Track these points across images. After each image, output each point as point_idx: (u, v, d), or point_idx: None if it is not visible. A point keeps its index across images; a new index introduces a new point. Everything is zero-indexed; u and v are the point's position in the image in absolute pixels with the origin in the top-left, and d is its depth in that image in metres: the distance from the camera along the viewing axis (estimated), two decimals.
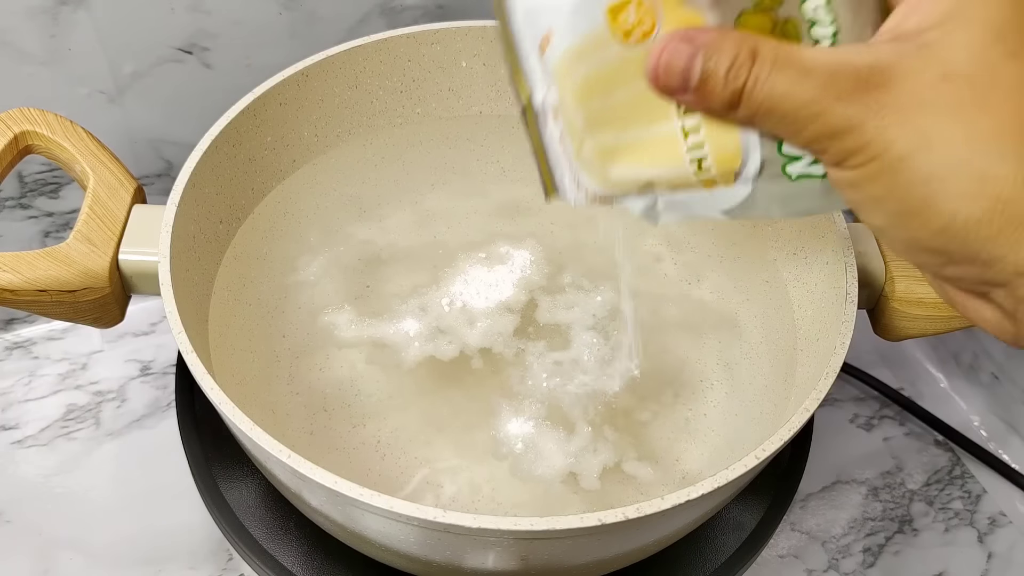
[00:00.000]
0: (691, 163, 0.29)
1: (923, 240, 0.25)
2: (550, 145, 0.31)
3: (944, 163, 0.24)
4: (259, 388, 0.42)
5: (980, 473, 0.56)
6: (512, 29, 0.30)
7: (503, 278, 0.47)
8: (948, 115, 0.24)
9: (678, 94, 0.27)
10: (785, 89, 0.25)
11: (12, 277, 0.37)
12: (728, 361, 0.44)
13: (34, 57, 0.48)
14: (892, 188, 0.25)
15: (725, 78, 0.26)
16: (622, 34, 0.28)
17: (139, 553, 0.49)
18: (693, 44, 0.26)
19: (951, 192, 0.24)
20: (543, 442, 0.41)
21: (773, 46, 0.26)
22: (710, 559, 0.40)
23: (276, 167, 0.46)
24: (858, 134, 0.25)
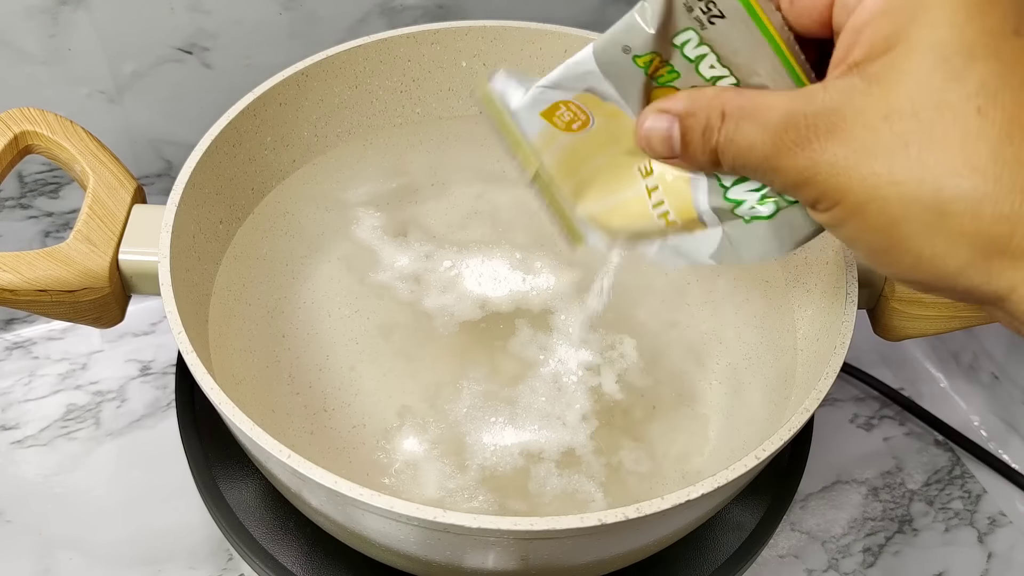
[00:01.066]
0: (659, 218, 0.32)
1: (902, 275, 0.25)
2: (568, 206, 0.34)
3: (900, 205, 0.24)
4: (259, 388, 0.42)
5: (980, 473, 0.56)
6: (507, 117, 0.33)
7: (503, 278, 0.47)
8: (895, 156, 0.24)
9: (670, 160, 0.29)
10: (748, 143, 0.26)
11: (12, 277, 0.37)
12: (728, 361, 0.44)
13: (34, 57, 0.48)
14: (860, 230, 0.25)
15: (703, 139, 0.28)
16: (564, 126, 0.32)
17: (139, 553, 0.49)
18: (669, 113, 0.28)
19: (912, 231, 0.24)
20: (544, 443, 0.41)
21: (739, 104, 0.27)
22: (710, 559, 0.40)
23: (276, 167, 0.46)
24: (814, 184, 0.25)
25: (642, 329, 0.45)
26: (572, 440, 0.41)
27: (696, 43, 0.28)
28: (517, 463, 0.40)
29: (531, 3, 0.56)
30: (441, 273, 0.47)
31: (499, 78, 0.33)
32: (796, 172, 0.25)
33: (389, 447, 0.41)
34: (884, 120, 0.24)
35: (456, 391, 0.43)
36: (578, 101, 0.31)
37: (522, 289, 0.46)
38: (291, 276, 0.46)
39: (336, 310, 0.45)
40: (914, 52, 0.24)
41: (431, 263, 0.47)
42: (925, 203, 0.24)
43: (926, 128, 0.23)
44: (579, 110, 0.31)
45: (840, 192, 0.25)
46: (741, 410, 0.42)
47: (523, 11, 0.55)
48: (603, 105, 0.30)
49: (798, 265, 0.44)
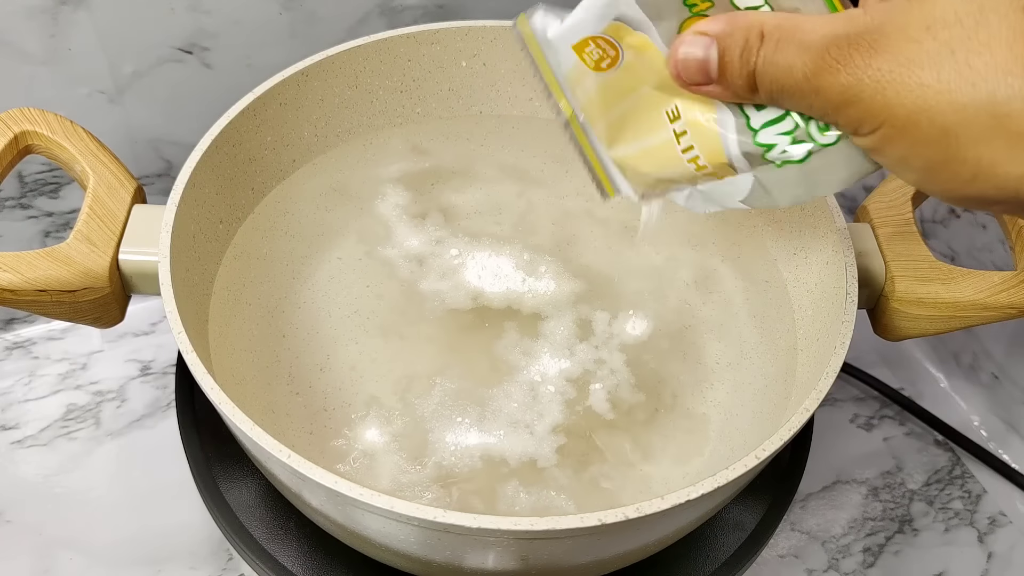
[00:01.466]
0: (689, 162, 0.31)
1: (959, 190, 0.25)
2: (600, 150, 0.33)
3: (953, 112, 0.23)
4: (259, 388, 0.42)
5: (980, 473, 0.56)
6: (544, 55, 0.32)
7: (503, 278, 0.47)
8: (942, 64, 0.23)
9: (704, 87, 0.28)
10: (788, 64, 0.26)
11: (12, 277, 0.37)
12: (728, 361, 0.44)
13: (34, 57, 0.48)
14: (911, 147, 0.24)
15: (740, 61, 0.27)
16: (594, 65, 0.31)
17: (139, 553, 0.49)
18: (706, 35, 0.27)
19: (969, 139, 0.23)
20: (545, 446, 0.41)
21: (777, 24, 0.26)
22: (710, 559, 0.40)
23: (276, 167, 0.46)
24: (858, 103, 0.25)
25: (642, 329, 0.45)
26: (536, 451, 0.40)
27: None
28: (476, 465, 0.40)
29: (531, 3, 0.55)
30: (446, 259, 0.47)
31: (539, 13, 0.32)
32: (839, 91, 0.25)
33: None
34: (927, 30, 0.24)
35: (429, 386, 0.42)
36: (607, 34, 0.30)
37: (524, 285, 0.46)
38: (291, 276, 0.46)
39: (336, 310, 0.45)
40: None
41: (431, 263, 0.47)
42: (979, 106, 0.23)
43: (971, 33, 0.23)
44: (608, 45, 0.30)
45: (887, 108, 0.24)
46: (741, 410, 0.42)
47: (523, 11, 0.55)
48: (632, 35, 0.29)
49: (798, 265, 0.44)
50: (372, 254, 0.47)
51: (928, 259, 0.41)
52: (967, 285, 0.40)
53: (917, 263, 0.41)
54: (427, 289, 0.46)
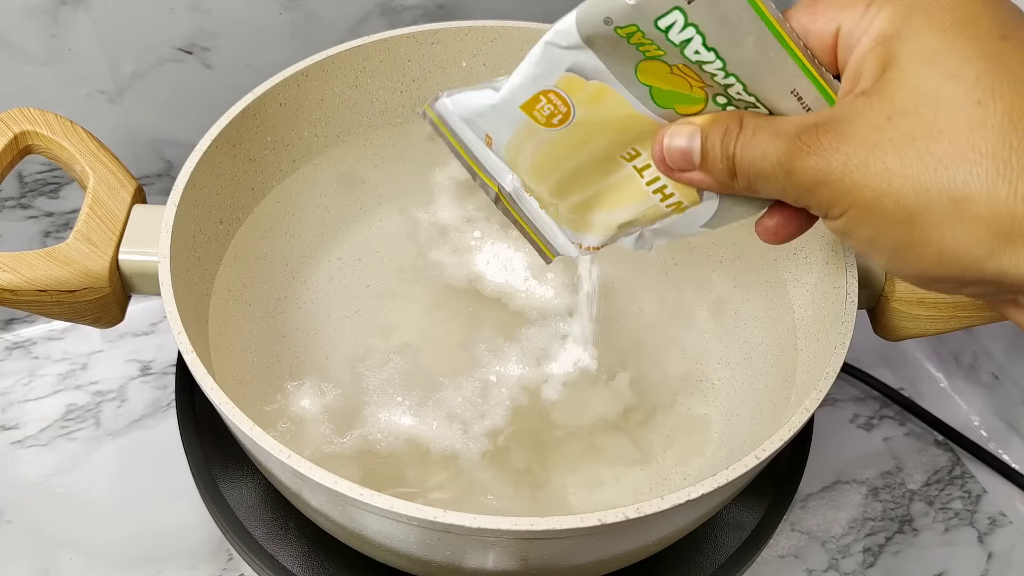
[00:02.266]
0: (655, 194, 0.31)
1: (927, 271, 0.26)
2: (534, 215, 0.34)
3: (916, 196, 0.24)
4: (259, 388, 0.42)
5: (980, 473, 0.56)
6: (458, 138, 0.33)
7: (504, 277, 0.47)
8: (904, 150, 0.24)
9: (687, 173, 0.30)
10: (762, 150, 0.27)
11: (12, 277, 0.37)
12: (728, 361, 0.44)
13: (34, 57, 0.48)
14: (878, 229, 0.26)
15: (721, 146, 0.28)
16: (545, 121, 0.31)
17: (139, 553, 0.49)
18: (692, 125, 0.29)
19: (932, 221, 0.24)
20: (547, 448, 0.41)
21: (755, 117, 0.28)
22: (710, 559, 0.40)
23: (276, 167, 0.46)
24: (827, 186, 0.26)
25: (642, 329, 0.45)
26: (464, 448, 0.41)
27: (682, 25, 0.27)
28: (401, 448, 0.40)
29: (531, 3, 0.56)
30: (442, 272, 0.47)
31: (446, 96, 0.33)
32: (810, 174, 0.26)
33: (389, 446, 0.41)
34: (888, 120, 0.25)
35: (457, 391, 0.42)
36: (560, 88, 0.30)
37: (525, 285, 0.46)
38: (291, 276, 0.46)
39: (336, 310, 0.45)
40: (909, 63, 0.25)
41: (431, 262, 0.47)
42: (940, 190, 0.24)
43: (930, 122, 0.24)
44: (560, 100, 0.30)
45: (854, 191, 0.25)
46: (741, 410, 0.42)
47: (523, 11, 0.55)
48: (585, 87, 0.30)
49: (798, 265, 0.44)
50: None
51: None
52: None
53: None
54: (433, 259, 0.46)
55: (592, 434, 0.41)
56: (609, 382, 0.43)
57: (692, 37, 0.27)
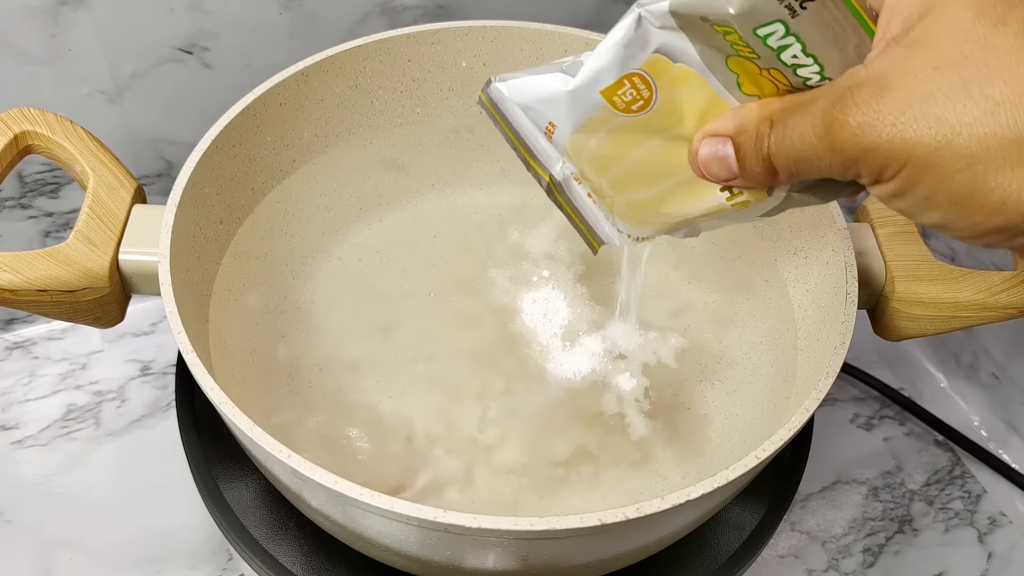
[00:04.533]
0: (722, 191, 0.30)
1: (986, 222, 0.25)
2: (582, 204, 0.33)
3: (975, 142, 0.23)
4: (259, 388, 0.42)
5: (980, 473, 0.56)
6: (512, 125, 0.32)
7: (504, 277, 0.47)
8: (957, 98, 0.23)
9: (729, 181, 0.29)
10: (799, 134, 0.26)
11: (12, 277, 0.37)
12: (728, 361, 0.44)
13: (34, 57, 0.48)
14: (935, 184, 0.24)
15: (755, 152, 0.28)
16: (624, 107, 0.30)
17: (139, 553, 0.49)
18: (720, 135, 0.28)
19: (995, 167, 0.23)
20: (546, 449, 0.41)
21: (781, 105, 0.27)
22: (710, 559, 0.40)
23: (276, 167, 0.46)
24: (877, 149, 0.25)
25: (642, 329, 0.45)
26: (464, 448, 0.41)
27: (782, 35, 0.26)
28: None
29: (531, 3, 0.56)
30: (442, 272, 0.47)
31: (498, 82, 0.32)
32: (855, 142, 0.25)
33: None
34: (935, 70, 0.24)
35: (457, 390, 0.42)
36: (645, 70, 0.29)
37: (525, 285, 0.46)
38: (291, 276, 0.46)
39: (336, 310, 0.45)
40: (952, 10, 0.24)
41: (432, 262, 0.47)
42: (1002, 134, 0.23)
43: (981, 67, 0.23)
44: (644, 84, 0.29)
45: (907, 149, 0.24)
46: (741, 410, 0.42)
47: (523, 11, 0.55)
48: (671, 70, 0.29)
49: (798, 265, 0.44)
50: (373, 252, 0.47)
51: (928, 259, 0.41)
52: (967, 285, 0.40)
53: (917, 263, 0.41)
54: (433, 259, 0.47)
55: (592, 434, 0.41)
56: (609, 383, 0.43)
57: (791, 44, 0.27)
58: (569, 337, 0.44)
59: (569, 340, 0.44)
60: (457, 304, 0.46)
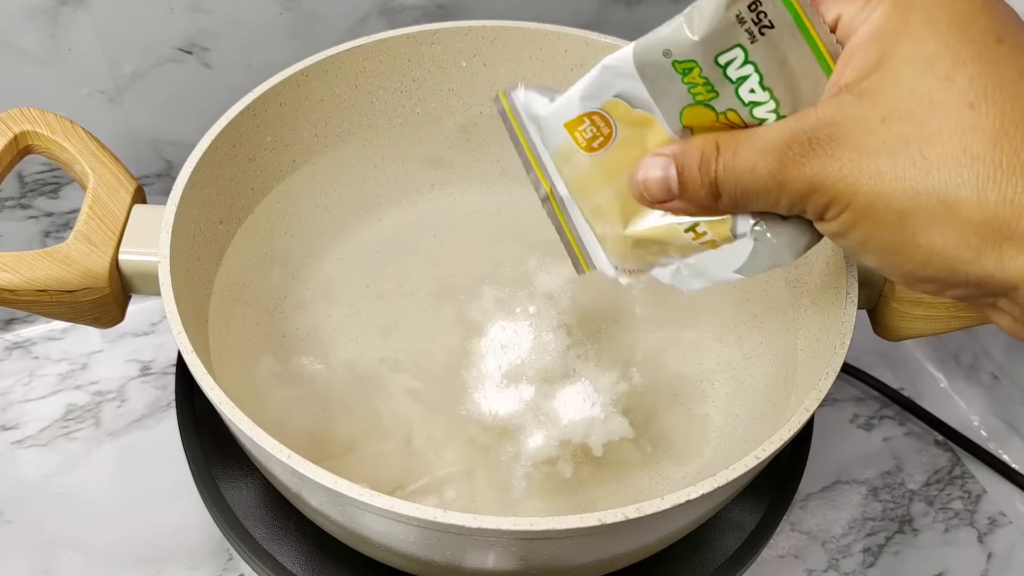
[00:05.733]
0: (686, 232, 0.31)
1: (915, 272, 0.26)
2: (579, 225, 0.34)
3: (907, 199, 0.25)
4: (259, 388, 0.42)
5: (980, 473, 0.56)
6: (524, 129, 0.33)
7: (504, 278, 0.47)
8: (897, 154, 0.25)
9: (667, 203, 0.30)
10: (750, 166, 0.27)
11: (12, 277, 0.37)
12: (728, 361, 0.44)
13: (34, 57, 0.48)
14: (870, 231, 0.26)
15: (699, 173, 0.29)
16: (585, 145, 0.31)
17: (139, 553, 0.49)
18: (664, 156, 0.29)
19: (922, 224, 0.25)
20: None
21: (732, 136, 0.28)
22: (710, 559, 0.40)
23: (276, 167, 0.46)
24: (822, 191, 0.26)
25: (642, 329, 0.45)
26: (463, 448, 0.41)
27: (741, 62, 0.28)
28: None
29: (531, 3, 0.56)
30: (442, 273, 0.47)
31: (520, 89, 0.32)
32: (804, 182, 0.26)
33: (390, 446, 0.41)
34: (882, 123, 0.25)
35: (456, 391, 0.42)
36: (605, 110, 0.30)
37: (525, 284, 0.46)
38: (291, 276, 0.46)
39: (336, 310, 0.45)
40: (904, 64, 0.25)
41: (432, 262, 0.47)
42: (931, 193, 0.24)
43: (923, 125, 0.24)
44: (603, 122, 0.31)
45: (849, 195, 0.25)
46: (741, 410, 0.42)
47: (523, 11, 0.55)
48: (631, 114, 0.30)
49: (798, 265, 0.43)
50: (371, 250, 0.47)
51: None
52: None
53: None
54: (433, 259, 0.46)
55: (591, 434, 0.41)
56: (608, 382, 0.43)
57: (750, 75, 0.28)
58: (511, 377, 0.42)
59: (509, 380, 0.42)
60: (439, 307, 0.46)
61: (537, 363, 0.42)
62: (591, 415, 0.41)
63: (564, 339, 0.44)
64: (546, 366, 0.42)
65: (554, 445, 0.40)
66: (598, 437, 0.41)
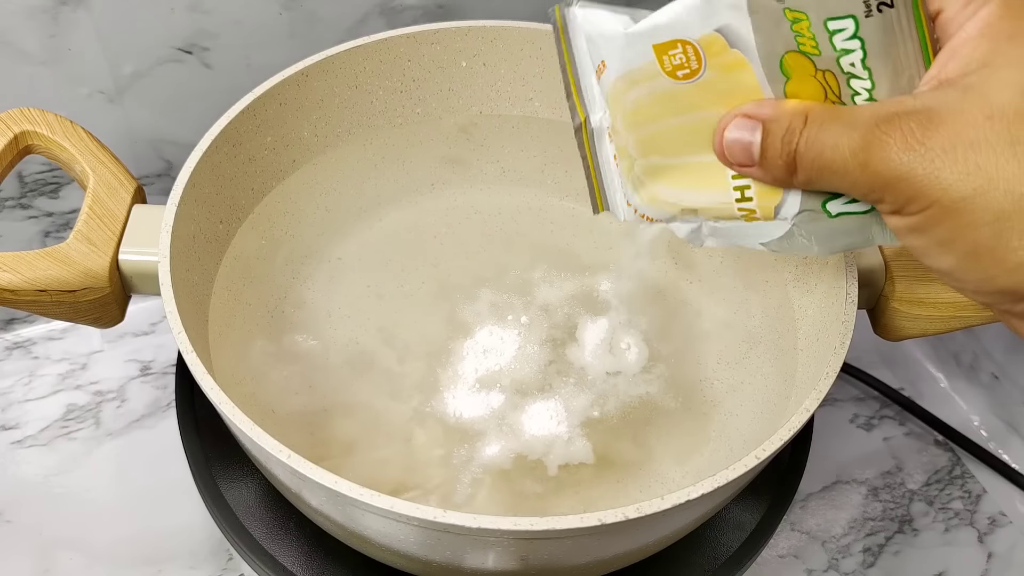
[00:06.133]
0: (735, 191, 0.30)
1: (997, 279, 0.25)
2: (604, 163, 0.33)
3: (1008, 200, 0.23)
4: (259, 388, 0.42)
5: (980, 473, 0.56)
6: (572, 52, 0.32)
7: (504, 283, 0.47)
8: (1002, 152, 0.24)
9: (745, 168, 0.29)
10: (833, 142, 0.26)
11: (12, 277, 0.37)
12: (728, 361, 0.44)
13: (34, 57, 0.48)
14: (958, 230, 0.24)
15: (781, 143, 0.27)
16: (671, 70, 0.30)
17: (139, 553, 0.49)
18: (753, 120, 0.28)
19: (1022, 229, 0.24)
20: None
21: (823, 108, 0.27)
22: (710, 559, 0.40)
23: (276, 167, 0.46)
24: (910, 180, 0.25)
25: (642, 329, 0.45)
26: (463, 448, 0.40)
27: (850, 34, 0.26)
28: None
29: (531, 3, 0.56)
30: (442, 272, 0.47)
31: (578, 6, 0.31)
32: (890, 167, 0.25)
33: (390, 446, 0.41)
34: (987, 119, 0.24)
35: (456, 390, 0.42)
36: (700, 44, 0.29)
37: (526, 284, 0.46)
38: (291, 276, 0.46)
39: (336, 310, 0.45)
40: (1010, 65, 0.24)
41: (432, 262, 0.47)
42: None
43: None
44: (695, 56, 0.29)
45: (940, 188, 0.24)
46: (741, 410, 0.42)
47: (523, 11, 0.55)
48: (725, 54, 0.28)
49: (798, 265, 0.43)
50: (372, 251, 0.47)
51: None
52: None
53: (917, 263, 0.41)
54: (434, 260, 0.47)
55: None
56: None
57: (855, 49, 0.27)
58: (485, 383, 0.42)
59: (482, 385, 0.42)
60: (439, 307, 0.46)
61: (515, 373, 0.42)
62: (555, 433, 0.41)
63: (548, 353, 0.43)
64: (523, 377, 0.42)
65: (509, 457, 0.40)
66: (556, 457, 0.40)
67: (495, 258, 0.48)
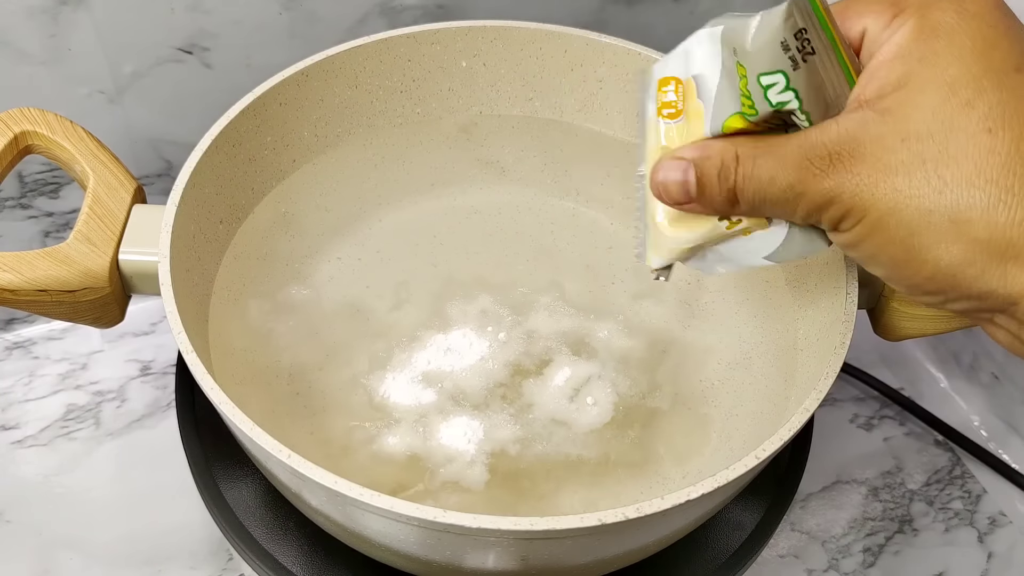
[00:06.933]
0: (720, 221, 0.31)
1: (920, 284, 0.27)
2: (641, 211, 0.34)
3: (919, 216, 0.26)
4: (259, 388, 0.42)
5: (980, 473, 0.56)
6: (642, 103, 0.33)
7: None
8: (914, 173, 0.26)
9: (685, 205, 0.31)
10: (769, 176, 0.28)
11: (12, 277, 0.37)
12: (728, 361, 0.44)
13: (34, 57, 0.48)
14: (881, 245, 0.27)
15: (718, 181, 0.30)
16: (661, 105, 0.31)
17: (139, 553, 0.49)
18: (683, 160, 0.30)
19: (931, 241, 0.26)
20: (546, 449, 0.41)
21: (751, 145, 0.29)
22: (710, 559, 0.40)
23: (276, 167, 0.46)
24: (839, 203, 0.27)
25: (642, 329, 0.45)
26: (463, 448, 0.40)
27: (782, 87, 0.28)
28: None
29: (531, 3, 0.56)
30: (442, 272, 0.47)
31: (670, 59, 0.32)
32: (822, 194, 0.27)
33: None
34: (902, 142, 0.26)
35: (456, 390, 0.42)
36: (686, 85, 0.30)
37: (524, 285, 0.46)
38: (291, 276, 0.46)
39: (336, 310, 0.45)
40: (926, 87, 0.26)
41: (432, 262, 0.47)
42: (943, 212, 0.26)
43: (941, 147, 0.26)
44: (680, 97, 0.31)
45: (863, 208, 0.27)
46: (741, 410, 0.42)
47: (523, 11, 0.55)
48: (692, 102, 0.30)
49: (798, 265, 0.44)
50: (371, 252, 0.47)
51: None
52: None
53: None
54: (434, 261, 0.47)
55: (591, 434, 0.41)
56: (609, 382, 0.43)
57: (790, 100, 0.28)
58: (429, 380, 0.42)
59: (423, 380, 0.42)
60: (459, 305, 0.46)
61: (461, 380, 0.42)
62: (461, 450, 0.40)
63: (505, 376, 0.42)
64: (466, 388, 0.42)
65: (404, 455, 0.39)
66: (447, 472, 0.39)
67: (496, 258, 0.48)
